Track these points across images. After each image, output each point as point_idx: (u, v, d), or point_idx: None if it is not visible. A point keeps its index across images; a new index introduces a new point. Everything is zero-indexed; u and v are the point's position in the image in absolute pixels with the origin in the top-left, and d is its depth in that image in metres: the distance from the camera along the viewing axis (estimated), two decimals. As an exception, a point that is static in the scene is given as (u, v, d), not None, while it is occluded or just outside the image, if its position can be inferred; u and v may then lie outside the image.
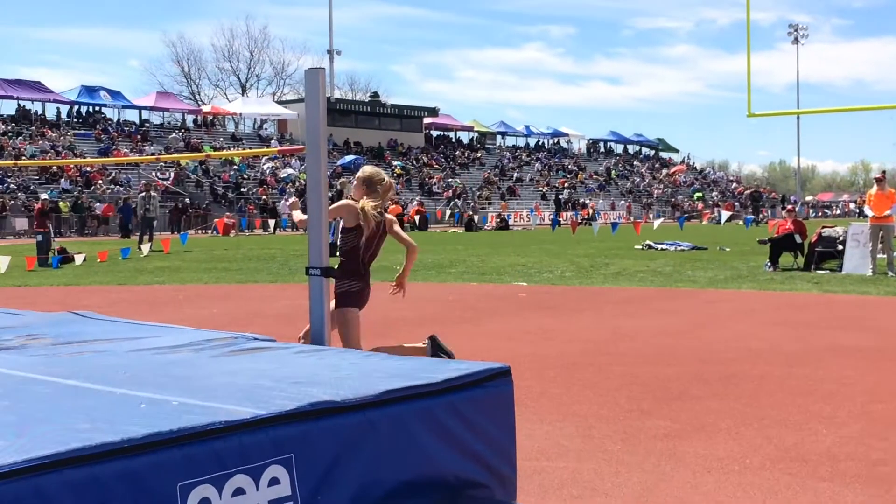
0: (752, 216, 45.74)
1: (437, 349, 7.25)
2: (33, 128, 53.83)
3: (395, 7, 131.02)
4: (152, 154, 51.23)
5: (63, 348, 4.65)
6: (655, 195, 75.54)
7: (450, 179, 64.83)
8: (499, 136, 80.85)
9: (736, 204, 69.74)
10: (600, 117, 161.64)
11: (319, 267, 4.95)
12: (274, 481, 3.09)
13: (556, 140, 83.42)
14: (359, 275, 6.77)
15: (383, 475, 3.45)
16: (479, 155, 73.69)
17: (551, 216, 48.88)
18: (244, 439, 3.03)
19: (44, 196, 28.57)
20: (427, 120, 73.91)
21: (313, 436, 3.22)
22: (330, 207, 5.94)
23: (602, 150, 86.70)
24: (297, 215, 6.82)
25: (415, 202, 53.12)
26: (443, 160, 70.00)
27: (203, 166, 54.01)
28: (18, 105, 56.20)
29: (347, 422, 3.35)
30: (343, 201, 6.89)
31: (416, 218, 47.38)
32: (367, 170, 6.98)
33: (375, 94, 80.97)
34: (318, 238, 4.97)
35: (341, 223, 6.77)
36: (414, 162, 67.45)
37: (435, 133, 75.96)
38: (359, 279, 6.76)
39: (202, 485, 2.90)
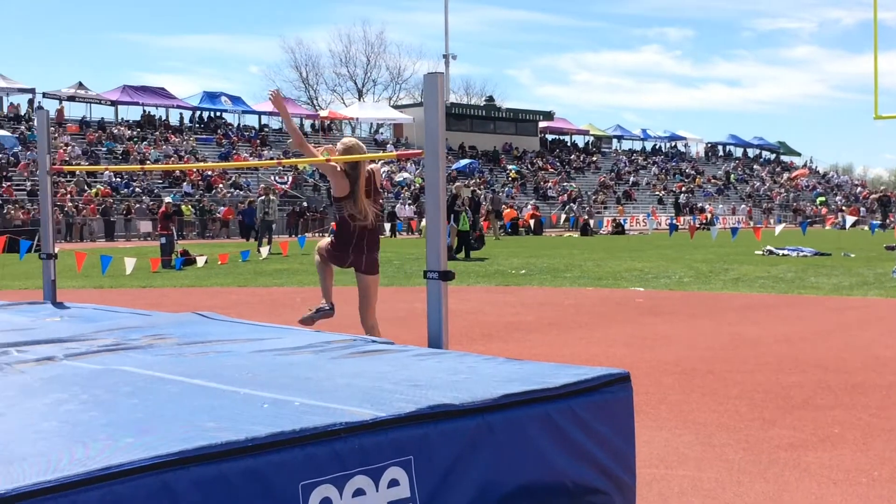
0: (879, 221, 44.42)
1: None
2: (157, 133, 55.30)
3: (510, 11, 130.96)
4: (271, 158, 52.18)
5: (188, 348, 4.75)
6: (776, 200, 73.95)
7: (565, 183, 64.51)
8: (615, 140, 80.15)
9: (861, 209, 67.80)
10: (719, 120, 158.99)
11: (437, 270, 4.96)
12: (393, 483, 3.10)
13: (673, 144, 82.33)
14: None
15: (501, 479, 3.44)
16: (594, 159, 73.17)
17: (668, 220, 48.28)
18: (364, 440, 3.06)
19: (167, 199, 29.31)
20: (542, 124, 73.68)
21: (432, 438, 3.23)
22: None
23: (721, 153, 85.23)
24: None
25: (529, 206, 52.98)
26: (558, 164, 69.70)
27: (320, 170, 54.73)
28: (144, 111, 57.82)
29: (466, 425, 3.35)
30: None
31: (531, 222, 47.26)
32: (346, 141, 7.08)
33: (490, 99, 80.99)
34: (436, 242, 4.98)
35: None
36: (529, 166, 67.31)
37: (550, 137, 75.68)
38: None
39: (324, 485, 2.93)
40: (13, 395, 3.62)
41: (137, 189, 46.56)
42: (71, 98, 55.04)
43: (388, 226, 40.29)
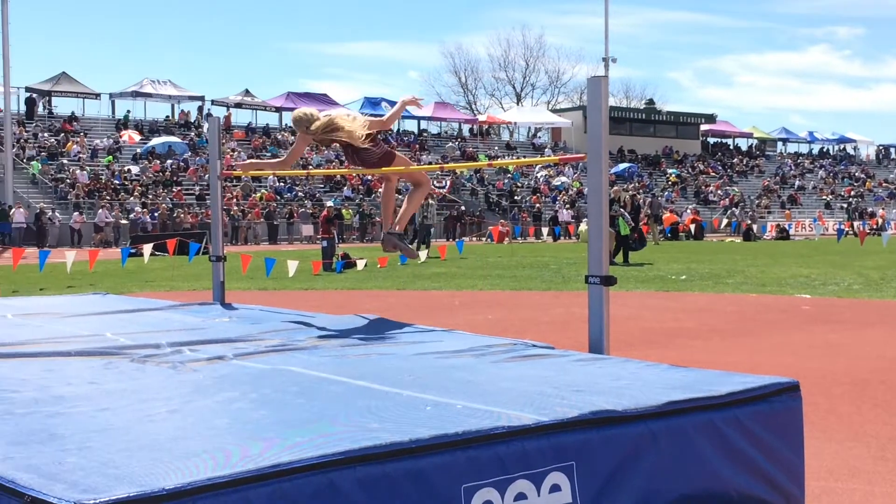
0: None
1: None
2: (320, 139, 56.45)
3: (671, 12, 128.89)
4: (429, 163, 52.77)
5: (351, 350, 4.83)
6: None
7: (727, 187, 63.19)
8: (780, 143, 78.09)
9: None
10: (891, 122, 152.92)
11: (599, 275, 4.91)
12: (555, 488, 3.09)
13: (841, 146, 79.67)
14: None
15: (664, 487, 3.39)
16: (758, 162, 71.44)
17: (836, 226, 46.76)
18: (527, 445, 3.05)
19: (329, 204, 29.94)
20: (704, 127, 72.36)
21: (595, 444, 3.21)
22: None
23: (893, 156, 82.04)
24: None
25: (689, 211, 52.08)
26: (720, 168, 68.32)
27: (478, 174, 55.09)
28: (307, 117, 59.14)
29: (629, 432, 3.32)
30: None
31: (692, 227, 46.44)
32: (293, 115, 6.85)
33: (651, 102, 80.00)
34: (598, 246, 4.94)
35: None
36: (690, 170, 66.20)
37: (712, 140, 74.25)
38: None
39: (486, 488, 2.94)
40: (187, 392, 3.74)
41: (300, 193, 47.71)
42: (238, 105, 56.83)
43: (545, 230, 40.17)
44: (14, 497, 2.51)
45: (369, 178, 50.46)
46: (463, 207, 49.40)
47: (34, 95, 50.92)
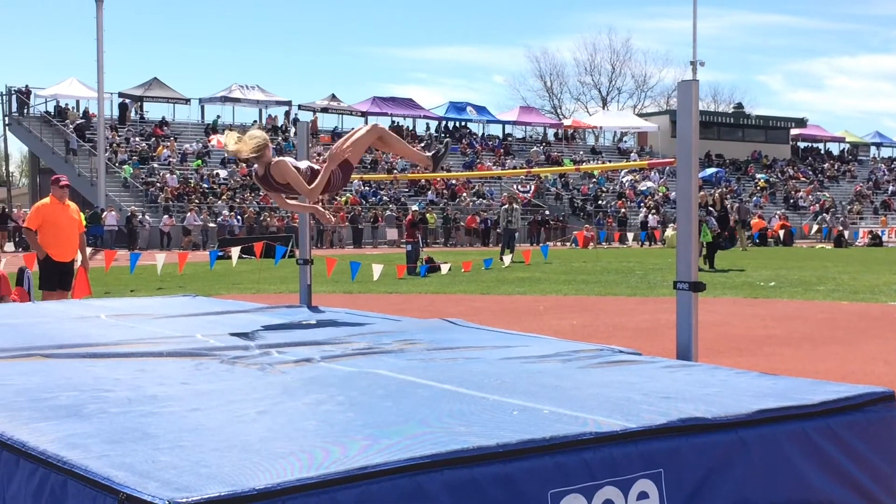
0: None
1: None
2: (405, 143, 56.78)
3: (760, 15, 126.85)
4: (514, 167, 52.70)
5: (438, 353, 4.85)
6: None
7: (818, 193, 62.03)
8: (873, 147, 76.38)
9: None
10: None
11: (688, 281, 4.86)
12: (643, 495, 3.06)
13: (937, 151, 77.70)
14: None
15: (754, 496, 3.34)
16: (850, 167, 69.98)
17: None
18: (614, 451, 3.03)
19: (413, 208, 30.05)
20: (794, 131, 71.13)
21: (683, 452, 3.18)
22: None
23: None
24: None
25: (778, 216, 51.22)
26: (810, 173, 67.10)
27: (562, 179, 54.89)
28: (392, 121, 59.56)
29: (719, 440, 3.28)
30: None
31: (780, 233, 45.67)
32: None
33: (739, 106, 78.83)
34: (686, 252, 4.88)
35: None
36: (779, 175, 65.12)
37: (802, 145, 72.94)
38: None
39: (573, 493, 2.92)
40: (275, 394, 3.79)
41: (385, 198, 48.00)
42: (324, 110, 57.34)
43: (630, 235, 39.83)
44: (109, 494, 2.57)
45: (454, 182, 50.61)
46: (547, 212, 49.24)
47: (126, 101, 51.98)
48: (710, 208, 23.40)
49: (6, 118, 51.14)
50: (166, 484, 2.54)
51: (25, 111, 49.59)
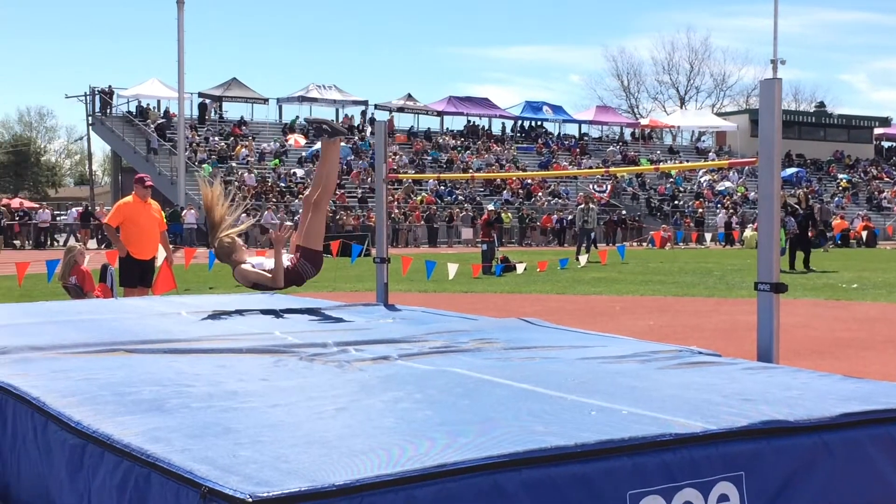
0: None
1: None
2: (480, 142, 56.88)
3: (843, 12, 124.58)
4: (590, 167, 52.41)
5: (514, 353, 4.83)
6: None
7: (901, 193, 60.76)
8: (959, 147, 74.68)
9: None
10: None
11: (770, 282, 4.78)
12: (723, 498, 3.03)
13: None
14: None
15: (837, 500, 3.28)
16: (936, 167, 68.47)
17: None
18: (694, 453, 3.00)
19: (489, 207, 30.03)
20: (878, 130, 69.73)
21: (765, 455, 3.13)
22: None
23: None
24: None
25: (861, 217, 50.25)
26: (895, 173, 65.72)
27: (639, 179, 54.48)
28: (468, 121, 59.65)
29: (801, 443, 3.23)
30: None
31: (863, 234, 44.81)
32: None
33: (821, 105, 77.51)
34: (768, 252, 4.81)
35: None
36: (862, 175, 63.89)
37: (886, 144, 71.50)
38: None
39: (652, 495, 2.90)
40: (353, 391, 3.81)
41: (460, 197, 48.05)
42: (400, 109, 57.60)
43: (708, 235, 39.34)
44: (192, 487, 2.61)
45: (529, 181, 50.51)
46: (624, 212, 48.90)
47: (206, 101, 52.77)
48: (795, 206, 22.97)
49: (90, 118, 52.24)
50: (247, 478, 2.56)
51: (108, 111, 50.60)
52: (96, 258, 15.17)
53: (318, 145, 50.01)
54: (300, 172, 47.33)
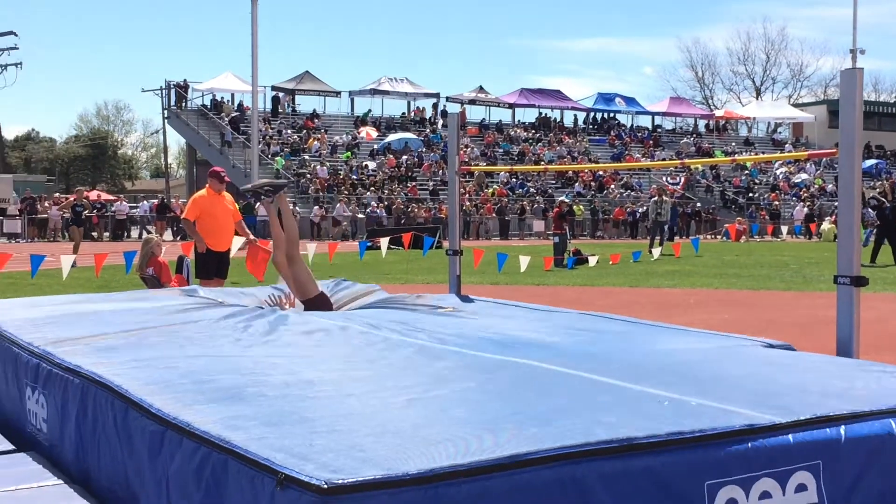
0: None
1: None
2: (552, 134, 56.67)
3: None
4: (664, 159, 51.94)
5: (587, 345, 4.82)
6: None
7: None
8: None
9: None
10: None
11: (850, 276, 4.71)
12: (801, 487, 3.03)
13: None
14: None
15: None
16: None
17: None
18: (771, 443, 3.01)
19: (562, 199, 29.91)
20: (961, 120, 68.19)
21: (842, 444, 3.14)
22: None
23: None
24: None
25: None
26: (976, 164, 64.22)
27: (713, 171, 53.87)
28: (539, 113, 59.45)
29: (878, 432, 3.22)
30: None
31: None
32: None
33: (901, 95, 75.95)
34: (848, 245, 4.74)
35: None
36: (942, 166, 62.54)
37: (969, 134, 69.84)
38: None
39: (729, 485, 2.90)
40: (427, 381, 3.83)
41: (532, 189, 47.92)
42: (471, 102, 57.59)
43: (784, 228, 38.80)
44: (269, 474, 2.65)
45: (602, 174, 50.22)
46: (698, 204, 48.38)
47: (279, 94, 53.24)
48: (882, 199, 22.48)
49: (165, 111, 53.00)
50: (323, 466, 2.60)
51: (183, 105, 51.26)
52: (172, 250, 15.40)
53: (389, 138, 50.21)
54: (372, 165, 47.57)
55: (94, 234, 37.85)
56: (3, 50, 56.21)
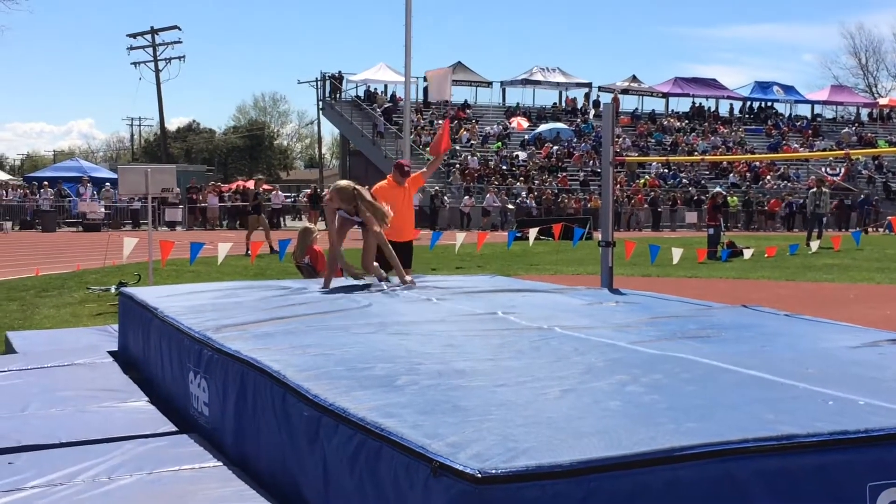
0: None
1: None
2: (706, 124, 55.59)
3: None
4: (822, 149, 50.38)
5: (743, 340, 4.72)
6: None
7: None
8: None
9: None
10: None
11: None
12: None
13: None
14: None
15: None
16: None
17: None
18: (939, 447, 2.87)
19: (717, 190, 29.31)
20: None
21: None
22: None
23: None
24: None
25: None
26: None
27: (876, 161, 51.98)
28: (693, 102, 58.39)
29: None
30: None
31: None
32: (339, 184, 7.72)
33: None
34: None
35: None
36: None
37: None
38: None
39: (893, 488, 2.79)
40: (579, 373, 3.81)
41: (685, 180, 47.12)
42: (624, 91, 56.95)
43: None
44: (423, 462, 2.68)
45: (757, 164, 49.01)
46: (861, 196, 46.76)
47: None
48: None
49: (320, 103, 54.02)
50: (476, 456, 2.62)
51: (337, 96, 52.14)
52: (325, 238, 15.69)
53: (540, 128, 49.95)
54: (522, 155, 47.55)
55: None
56: (167, 44, 58.35)
